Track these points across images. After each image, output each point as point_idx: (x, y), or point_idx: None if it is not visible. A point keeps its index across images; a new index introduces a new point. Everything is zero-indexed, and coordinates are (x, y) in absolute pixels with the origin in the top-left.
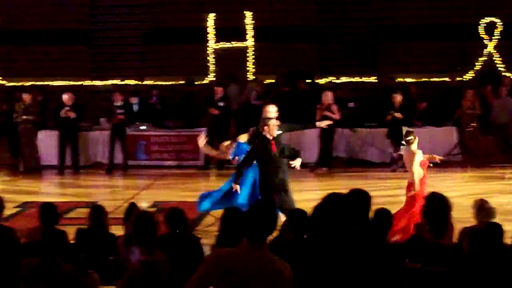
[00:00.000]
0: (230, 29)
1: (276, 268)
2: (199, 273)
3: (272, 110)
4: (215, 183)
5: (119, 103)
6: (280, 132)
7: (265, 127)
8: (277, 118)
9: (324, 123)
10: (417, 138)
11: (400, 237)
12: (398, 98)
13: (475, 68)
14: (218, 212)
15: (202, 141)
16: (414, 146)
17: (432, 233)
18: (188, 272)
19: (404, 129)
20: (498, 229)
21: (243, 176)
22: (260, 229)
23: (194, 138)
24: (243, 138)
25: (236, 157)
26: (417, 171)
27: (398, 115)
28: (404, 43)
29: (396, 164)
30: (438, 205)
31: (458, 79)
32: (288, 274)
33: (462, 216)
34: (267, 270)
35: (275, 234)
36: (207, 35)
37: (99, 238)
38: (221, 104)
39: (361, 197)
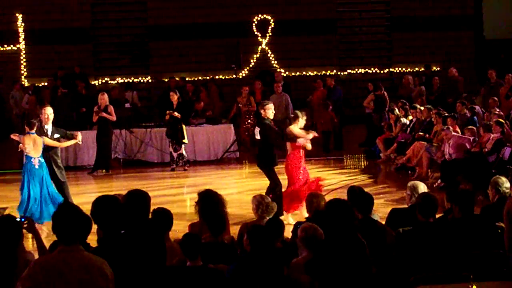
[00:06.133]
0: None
1: (97, 265)
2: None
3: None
4: None
5: None
6: (58, 135)
7: None
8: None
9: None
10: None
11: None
12: (175, 97)
13: (250, 66)
14: None
15: None
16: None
17: (210, 231)
18: None
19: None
20: (277, 224)
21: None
22: (69, 231)
23: None
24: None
25: None
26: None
27: (176, 114)
28: (179, 42)
29: (176, 163)
30: (212, 204)
31: (233, 76)
32: (108, 268)
33: (242, 212)
34: (88, 268)
35: None
36: None
37: None
38: None
39: (139, 198)
